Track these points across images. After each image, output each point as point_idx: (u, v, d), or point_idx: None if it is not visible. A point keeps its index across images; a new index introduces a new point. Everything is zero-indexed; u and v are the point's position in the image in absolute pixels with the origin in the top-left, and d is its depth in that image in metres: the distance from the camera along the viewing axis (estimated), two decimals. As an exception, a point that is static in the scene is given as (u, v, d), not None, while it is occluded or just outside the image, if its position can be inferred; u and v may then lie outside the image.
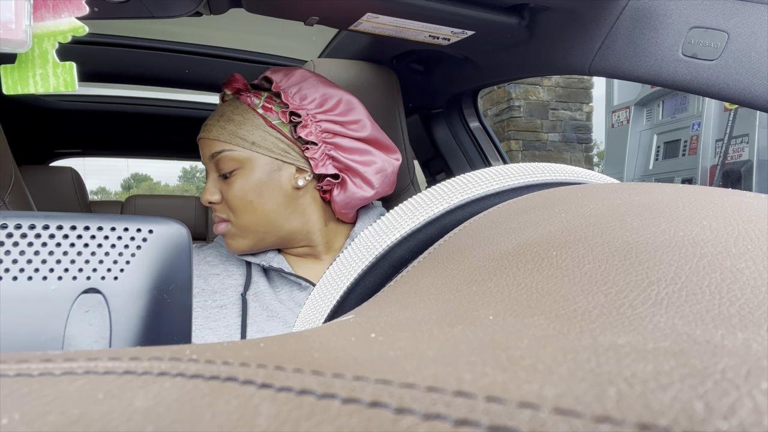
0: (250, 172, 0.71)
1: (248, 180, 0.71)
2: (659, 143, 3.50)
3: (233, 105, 0.73)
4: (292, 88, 0.73)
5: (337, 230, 0.80)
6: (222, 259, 0.76)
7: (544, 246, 0.17)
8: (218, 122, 0.73)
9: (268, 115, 0.72)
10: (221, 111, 0.74)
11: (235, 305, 0.70)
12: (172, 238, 0.30)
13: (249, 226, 0.72)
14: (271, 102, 0.73)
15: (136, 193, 4.63)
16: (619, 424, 0.08)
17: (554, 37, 0.79)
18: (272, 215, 0.72)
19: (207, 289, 0.72)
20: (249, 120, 0.72)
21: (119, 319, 0.28)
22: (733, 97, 0.61)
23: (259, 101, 0.73)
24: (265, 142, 0.71)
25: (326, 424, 0.09)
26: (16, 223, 0.27)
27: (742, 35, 0.60)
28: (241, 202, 0.71)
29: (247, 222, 0.71)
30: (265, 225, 0.72)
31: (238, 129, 0.71)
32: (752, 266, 0.13)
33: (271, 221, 0.72)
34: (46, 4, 0.42)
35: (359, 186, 0.75)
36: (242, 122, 0.72)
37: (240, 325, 0.68)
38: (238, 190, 0.71)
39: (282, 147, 0.72)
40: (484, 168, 0.26)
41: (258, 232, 0.72)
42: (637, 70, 0.69)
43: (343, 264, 0.25)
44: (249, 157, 0.71)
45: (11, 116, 1.48)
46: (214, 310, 0.69)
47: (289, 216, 0.73)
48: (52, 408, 0.09)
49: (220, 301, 0.71)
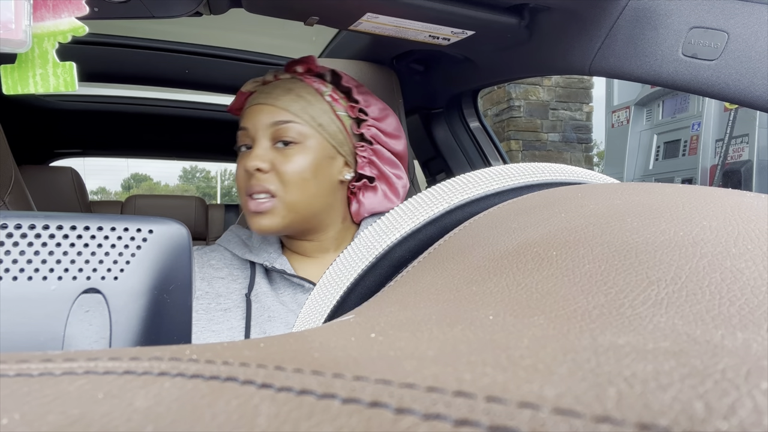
0: (310, 151, 0.72)
1: (308, 157, 0.71)
2: (659, 143, 3.50)
3: (299, 84, 0.74)
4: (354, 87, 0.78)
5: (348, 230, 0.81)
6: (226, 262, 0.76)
7: (544, 246, 0.17)
8: (287, 94, 0.73)
9: (334, 105, 0.75)
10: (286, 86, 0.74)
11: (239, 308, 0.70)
12: (172, 238, 0.30)
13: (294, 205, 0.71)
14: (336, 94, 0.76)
15: (136, 193, 4.63)
16: (619, 424, 0.08)
17: (554, 37, 0.79)
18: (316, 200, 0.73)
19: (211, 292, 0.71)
20: (318, 102, 0.74)
21: (119, 319, 0.28)
22: (733, 97, 0.61)
23: (327, 89, 0.75)
24: (329, 127, 0.74)
25: (326, 424, 0.08)
26: (16, 223, 0.27)
27: (742, 35, 0.60)
28: (296, 177, 0.71)
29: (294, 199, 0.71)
30: (307, 207, 0.73)
31: (308, 106, 0.73)
32: (752, 266, 0.13)
33: (313, 205, 0.73)
34: (46, 4, 0.42)
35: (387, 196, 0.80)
36: (312, 102, 0.73)
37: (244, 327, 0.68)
38: (297, 164, 0.71)
39: (340, 138, 0.75)
40: (484, 168, 0.26)
41: (299, 212, 0.72)
42: (637, 70, 0.69)
43: (343, 264, 0.25)
44: (312, 136, 0.72)
45: (11, 116, 1.48)
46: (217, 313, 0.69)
47: (326, 206, 0.75)
48: (52, 408, 0.09)
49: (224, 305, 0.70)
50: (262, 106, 0.73)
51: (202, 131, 1.83)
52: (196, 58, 1.29)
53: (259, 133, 0.72)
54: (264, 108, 0.73)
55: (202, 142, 1.95)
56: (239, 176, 0.74)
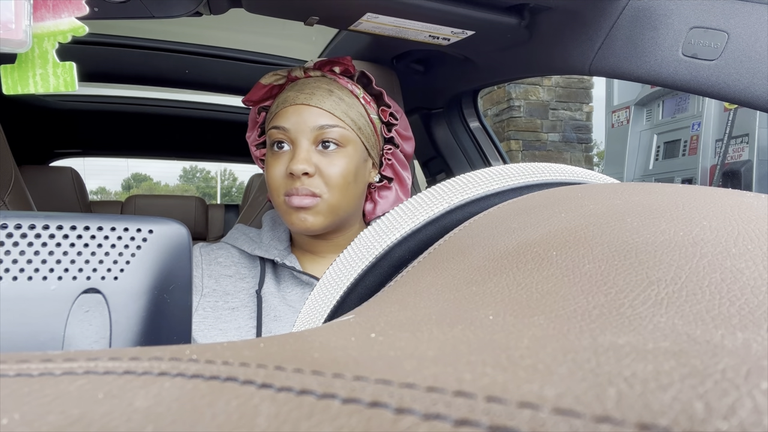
0: (351, 154, 0.72)
1: (350, 161, 0.72)
2: (659, 143, 3.50)
3: (336, 85, 0.73)
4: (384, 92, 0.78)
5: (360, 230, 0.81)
6: (234, 260, 0.75)
7: (544, 246, 0.17)
8: (329, 97, 0.72)
9: (368, 107, 0.75)
10: (327, 86, 0.73)
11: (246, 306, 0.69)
12: (172, 238, 0.30)
13: (337, 206, 0.71)
14: (367, 97, 0.77)
15: (136, 193, 4.63)
16: (619, 424, 0.08)
17: (554, 37, 0.79)
18: (353, 202, 0.74)
19: (218, 290, 0.71)
20: (356, 105, 0.74)
21: (119, 319, 0.28)
22: (733, 97, 0.61)
23: (360, 92, 0.75)
24: (365, 131, 0.74)
25: (326, 424, 0.08)
26: (16, 223, 0.27)
27: (742, 35, 0.60)
28: (341, 180, 0.71)
29: (337, 201, 0.71)
30: (346, 209, 0.73)
31: (349, 110, 0.73)
32: (752, 266, 0.13)
33: (350, 207, 0.74)
34: (46, 4, 0.42)
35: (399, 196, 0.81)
36: (351, 105, 0.73)
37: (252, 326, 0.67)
38: (341, 168, 0.71)
39: (373, 141, 0.76)
40: (484, 168, 0.26)
41: (339, 214, 0.73)
42: (637, 70, 0.69)
43: (343, 264, 0.25)
44: (353, 140, 0.72)
45: (11, 116, 1.48)
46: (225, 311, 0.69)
47: (358, 206, 0.76)
48: (52, 408, 0.09)
49: (231, 303, 0.70)
50: (306, 107, 0.71)
51: (202, 131, 1.83)
52: (196, 58, 1.29)
53: (301, 135, 0.70)
54: (308, 109, 0.71)
55: (202, 142, 1.95)
56: (276, 176, 0.71)
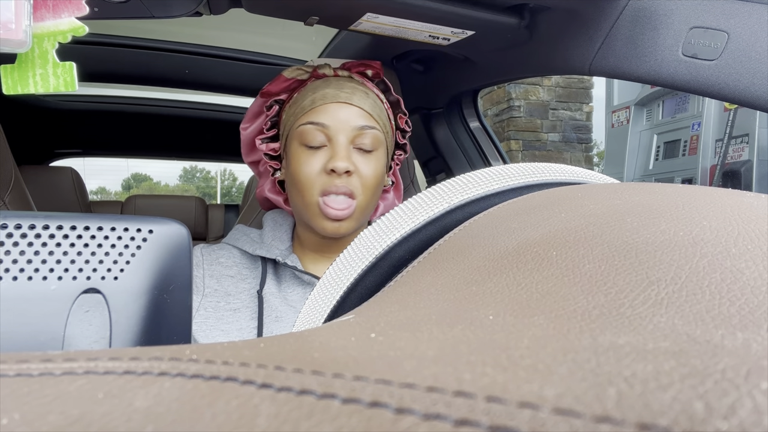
0: (381, 157, 0.73)
1: (381, 164, 0.72)
2: (659, 143, 3.50)
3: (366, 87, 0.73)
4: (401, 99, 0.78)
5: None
6: (235, 261, 0.74)
7: (544, 246, 0.17)
8: (367, 98, 0.72)
9: (389, 114, 0.76)
10: (362, 88, 0.73)
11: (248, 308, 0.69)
12: (172, 238, 0.30)
13: (366, 208, 0.72)
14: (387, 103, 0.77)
15: (136, 193, 4.63)
16: (619, 424, 0.08)
17: (554, 37, 0.79)
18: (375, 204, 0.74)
19: (220, 290, 0.70)
20: (384, 110, 0.74)
21: (119, 319, 0.28)
22: (733, 97, 0.61)
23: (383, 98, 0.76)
24: (389, 136, 0.75)
25: (326, 424, 0.08)
26: (16, 223, 0.27)
27: (742, 35, 0.60)
28: (374, 182, 0.71)
29: (367, 203, 0.72)
30: (370, 212, 0.74)
31: (381, 113, 0.73)
32: (752, 266, 0.13)
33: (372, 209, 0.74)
34: (46, 4, 0.42)
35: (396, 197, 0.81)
36: (382, 109, 0.74)
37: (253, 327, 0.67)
38: (376, 170, 0.71)
39: (391, 146, 0.77)
40: (484, 168, 0.26)
41: (366, 216, 0.73)
42: (637, 70, 0.69)
43: (343, 264, 0.25)
44: (383, 144, 0.73)
45: (11, 116, 1.48)
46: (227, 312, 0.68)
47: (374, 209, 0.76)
48: (52, 408, 0.09)
49: (233, 304, 0.69)
50: (347, 106, 0.71)
51: (202, 131, 1.83)
52: (196, 58, 1.29)
53: (341, 134, 0.70)
54: (350, 109, 0.71)
55: (202, 142, 1.95)
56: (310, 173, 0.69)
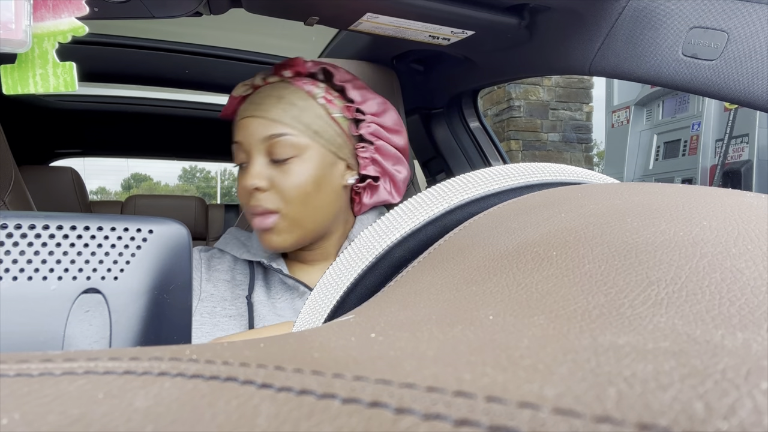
0: (308, 162, 0.68)
1: (307, 170, 0.68)
2: (659, 143, 3.50)
3: (290, 89, 0.70)
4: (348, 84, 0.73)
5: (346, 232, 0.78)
6: (229, 265, 0.74)
7: (544, 246, 0.17)
8: (278, 104, 0.68)
9: (328, 107, 0.70)
10: (278, 93, 0.69)
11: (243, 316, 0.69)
12: (172, 238, 0.30)
13: (300, 220, 0.68)
14: (330, 94, 0.72)
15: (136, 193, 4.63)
16: (619, 424, 0.08)
17: (554, 37, 0.79)
18: (321, 211, 0.70)
19: (216, 295, 0.70)
20: (311, 108, 0.69)
21: (119, 319, 0.28)
22: (733, 97, 0.61)
23: (320, 91, 0.71)
24: (326, 133, 0.69)
25: (326, 424, 0.08)
26: (16, 223, 0.27)
27: (742, 35, 0.60)
28: (298, 192, 0.67)
29: (299, 215, 0.68)
30: (313, 221, 0.70)
31: (301, 114, 0.68)
32: (752, 266, 0.13)
33: (318, 217, 0.70)
34: (46, 4, 0.42)
35: (389, 192, 0.76)
36: (305, 108, 0.69)
37: None
38: (297, 179, 0.67)
39: (338, 142, 0.71)
40: (484, 168, 0.26)
41: (306, 228, 0.69)
42: (637, 70, 0.69)
43: (343, 264, 0.25)
44: (309, 146, 0.68)
45: (11, 116, 1.48)
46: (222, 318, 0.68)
47: (332, 215, 0.72)
48: (52, 408, 0.09)
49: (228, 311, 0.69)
50: (254, 119, 0.69)
51: (202, 131, 1.83)
52: (196, 58, 1.29)
53: (253, 149, 0.68)
54: (255, 121, 0.68)
55: (202, 142, 1.95)
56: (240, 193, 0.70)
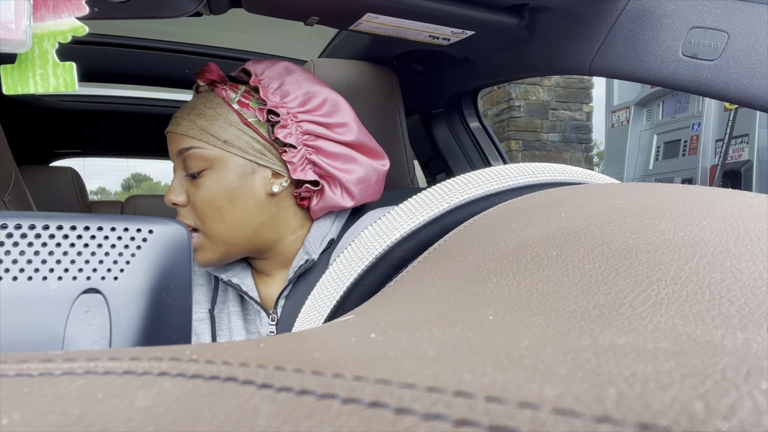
0: (221, 174, 0.64)
1: (218, 183, 0.64)
2: (659, 143, 3.50)
3: (206, 98, 0.66)
4: (272, 83, 0.66)
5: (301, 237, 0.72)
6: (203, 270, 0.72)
7: (544, 246, 0.17)
8: (188, 115, 0.65)
9: (243, 111, 0.65)
10: (193, 103, 0.67)
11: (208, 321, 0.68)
12: (172, 239, 0.30)
13: (217, 236, 0.65)
14: (249, 97, 0.66)
15: (136, 193, 4.63)
16: (619, 424, 0.08)
17: (554, 37, 0.79)
18: (242, 224, 0.65)
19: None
20: (222, 115, 0.65)
21: (119, 319, 0.28)
22: (733, 97, 0.61)
23: (236, 95, 0.66)
24: (238, 141, 0.64)
25: (326, 424, 0.08)
26: (16, 223, 0.27)
27: (742, 35, 0.60)
28: (208, 208, 0.64)
29: (215, 231, 0.64)
30: (235, 235, 0.65)
31: (209, 125, 0.64)
32: (752, 266, 0.13)
33: (240, 231, 0.65)
34: (46, 4, 0.42)
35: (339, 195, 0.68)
36: (214, 117, 0.64)
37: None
38: (206, 194, 0.64)
39: (257, 148, 0.65)
40: (484, 168, 0.26)
41: (227, 243, 0.65)
42: (637, 70, 0.69)
43: (343, 264, 0.25)
44: (220, 157, 0.64)
45: (11, 116, 1.48)
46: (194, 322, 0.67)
47: (261, 225, 0.66)
48: (52, 408, 0.09)
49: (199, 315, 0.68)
50: (169, 135, 0.67)
51: None
52: (196, 58, 1.29)
53: (175, 163, 0.67)
54: (170, 137, 0.67)
55: None
56: None
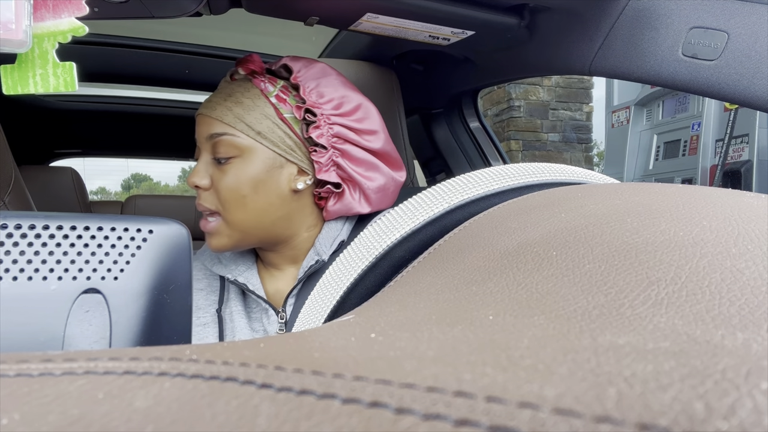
0: (249, 164, 0.65)
1: (245, 171, 0.65)
2: (659, 143, 3.50)
3: (244, 86, 0.68)
4: (309, 83, 0.68)
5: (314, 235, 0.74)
6: (206, 273, 0.73)
7: (544, 246, 0.17)
8: (225, 101, 0.66)
9: (280, 106, 0.67)
10: (229, 90, 0.68)
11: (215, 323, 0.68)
12: (172, 239, 0.30)
13: (236, 223, 0.66)
14: (287, 93, 0.68)
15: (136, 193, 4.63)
16: (619, 424, 0.08)
17: (554, 37, 0.79)
18: (262, 215, 0.67)
19: None
20: (259, 107, 0.66)
21: (119, 319, 0.28)
22: (733, 97, 0.61)
23: (274, 89, 0.68)
24: (271, 135, 0.66)
25: (326, 424, 0.08)
26: (16, 223, 0.27)
27: (742, 35, 0.60)
28: (232, 194, 0.65)
29: (235, 218, 0.66)
30: (253, 224, 0.67)
31: (245, 114, 0.66)
32: (752, 266, 0.13)
33: (259, 221, 0.67)
34: (46, 4, 0.42)
35: (357, 200, 0.70)
36: (251, 107, 0.66)
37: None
38: (232, 181, 0.65)
39: (288, 143, 0.67)
40: (484, 168, 0.26)
41: (245, 230, 0.67)
42: (637, 70, 0.69)
43: (343, 264, 0.25)
44: (251, 147, 0.65)
45: (11, 116, 1.48)
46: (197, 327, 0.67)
47: (279, 219, 0.68)
48: (52, 408, 0.09)
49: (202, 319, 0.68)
50: (201, 117, 0.68)
51: None
52: (196, 58, 1.29)
53: (201, 147, 0.68)
54: (201, 119, 0.68)
55: None
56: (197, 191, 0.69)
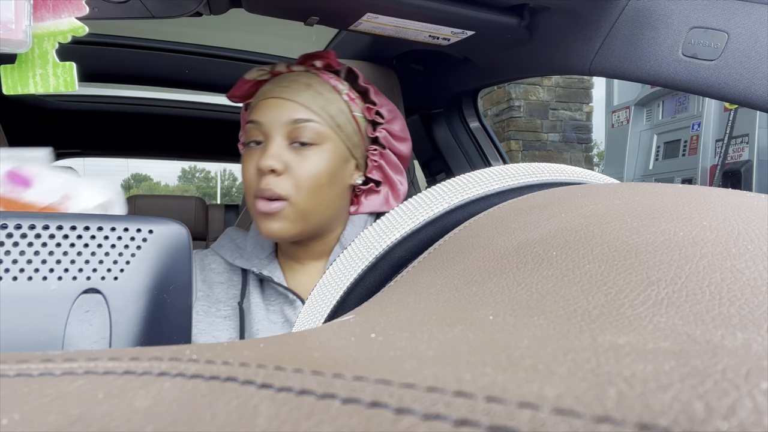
0: (327, 154, 0.68)
1: (325, 161, 0.67)
2: (659, 143, 3.50)
3: (317, 80, 0.70)
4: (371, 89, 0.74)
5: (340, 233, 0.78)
6: (225, 267, 0.73)
7: (544, 246, 0.17)
8: (307, 90, 0.68)
9: (351, 104, 0.71)
10: (305, 80, 0.69)
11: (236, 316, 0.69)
12: (172, 238, 0.30)
13: (306, 210, 0.67)
14: (353, 93, 0.73)
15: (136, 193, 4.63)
16: (619, 424, 0.08)
17: (554, 37, 0.79)
18: (328, 206, 0.69)
19: (212, 297, 0.70)
20: (336, 101, 0.70)
21: (119, 319, 0.28)
22: (733, 97, 0.61)
23: (344, 88, 0.72)
24: (347, 129, 0.70)
25: (326, 424, 0.08)
26: (16, 223, 0.27)
27: (742, 35, 0.60)
28: (311, 182, 0.66)
29: (307, 205, 0.66)
30: (319, 214, 0.68)
31: (328, 105, 0.69)
32: (752, 266, 0.13)
33: (324, 212, 0.69)
34: (46, 4, 0.42)
35: (387, 201, 0.76)
36: (331, 100, 0.69)
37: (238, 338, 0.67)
38: (313, 168, 0.66)
39: (356, 140, 0.71)
40: (484, 168, 0.26)
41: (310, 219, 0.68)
42: (637, 70, 0.69)
43: (343, 264, 0.25)
44: (330, 137, 0.68)
45: (11, 116, 1.48)
46: (218, 319, 0.68)
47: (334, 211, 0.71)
48: (52, 408, 0.09)
49: (224, 312, 0.69)
50: (280, 101, 0.68)
51: (202, 131, 1.83)
52: (196, 58, 1.29)
53: (274, 130, 0.67)
54: (282, 103, 0.67)
55: (202, 142, 1.95)
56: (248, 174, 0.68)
